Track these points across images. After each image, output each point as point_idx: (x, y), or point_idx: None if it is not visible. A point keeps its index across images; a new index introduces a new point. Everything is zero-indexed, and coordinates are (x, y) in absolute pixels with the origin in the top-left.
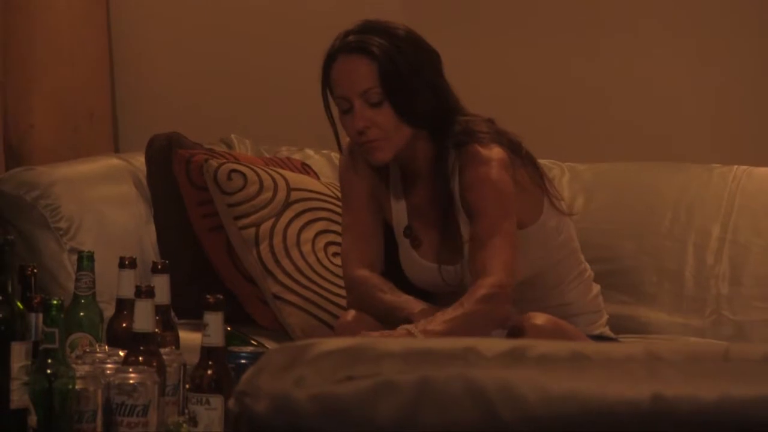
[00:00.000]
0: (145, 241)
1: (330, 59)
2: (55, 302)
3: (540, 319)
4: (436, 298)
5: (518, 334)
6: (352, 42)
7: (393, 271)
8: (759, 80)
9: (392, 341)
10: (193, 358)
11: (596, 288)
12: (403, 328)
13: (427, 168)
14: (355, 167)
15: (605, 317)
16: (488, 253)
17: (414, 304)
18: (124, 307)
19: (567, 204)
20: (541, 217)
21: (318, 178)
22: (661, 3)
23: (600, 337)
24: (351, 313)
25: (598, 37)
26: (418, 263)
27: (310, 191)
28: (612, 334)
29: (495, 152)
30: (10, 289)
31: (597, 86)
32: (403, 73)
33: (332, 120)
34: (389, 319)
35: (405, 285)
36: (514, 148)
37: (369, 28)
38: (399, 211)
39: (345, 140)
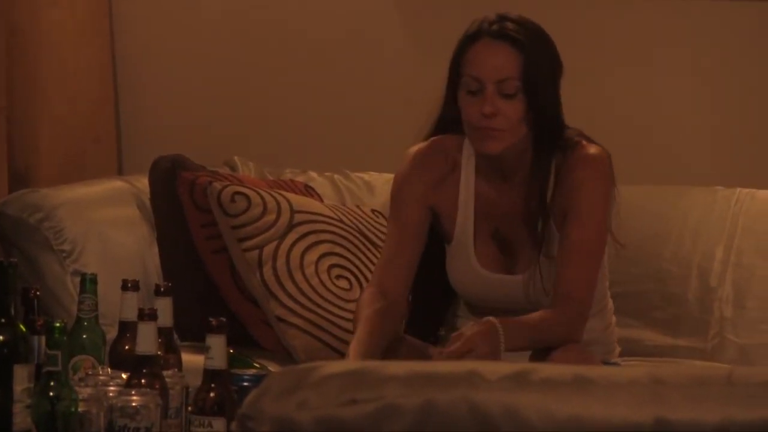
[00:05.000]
0: (149, 263)
1: (472, 38)
2: (57, 325)
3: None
4: (474, 311)
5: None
6: (500, 29)
7: (431, 278)
8: (763, 104)
9: (395, 365)
10: (196, 381)
11: (614, 319)
12: (486, 322)
13: (516, 175)
14: (419, 172)
15: (618, 348)
16: (579, 272)
17: (352, 346)
18: (127, 329)
19: None
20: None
21: (321, 200)
22: (664, 29)
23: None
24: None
25: (603, 62)
26: (474, 271)
27: (314, 213)
28: (623, 364)
29: (603, 152)
30: (13, 311)
31: (602, 111)
32: (544, 71)
33: (448, 103)
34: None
35: (431, 293)
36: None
37: (512, 20)
38: (465, 218)
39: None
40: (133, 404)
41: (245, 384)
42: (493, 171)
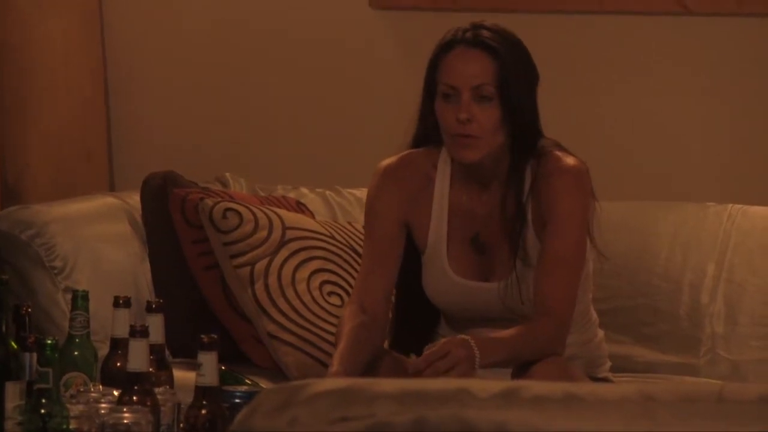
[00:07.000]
0: (140, 279)
1: (447, 47)
2: (49, 342)
3: (552, 367)
4: (449, 322)
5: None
6: (474, 37)
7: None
8: (756, 121)
9: (386, 382)
10: (188, 398)
11: (601, 333)
12: (461, 338)
13: (493, 182)
14: (390, 187)
15: (609, 363)
16: (558, 285)
17: (335, 361)
18: (118, 346)
19: None
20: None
21: (313, 216)
22: (658, 46)
23: (604, 381)
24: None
25: (596, 79)
26: (448, 278)
27: (306, 230)
28: (613, 379)
29: (581, 163)
30: (4, 328)
31: (595, 126)
32: (518, 78)
33: (422, 115)
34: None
35: (415, 310)
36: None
37: (487, 28)
38: (439, 227)
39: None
40: (125, 421)
41: (237, 401)
42: (470, 178)
